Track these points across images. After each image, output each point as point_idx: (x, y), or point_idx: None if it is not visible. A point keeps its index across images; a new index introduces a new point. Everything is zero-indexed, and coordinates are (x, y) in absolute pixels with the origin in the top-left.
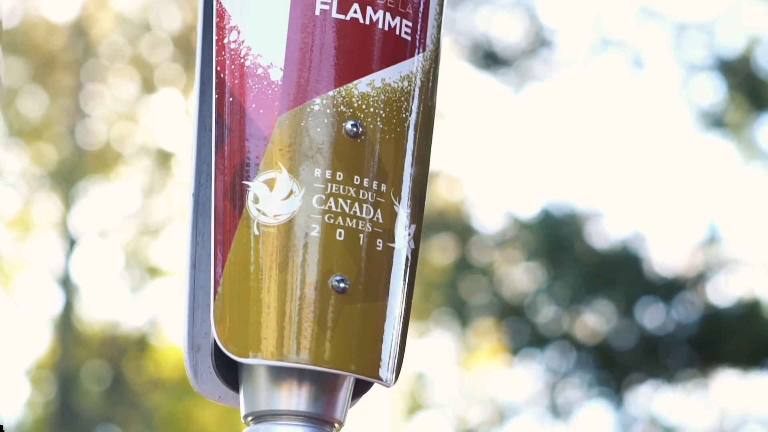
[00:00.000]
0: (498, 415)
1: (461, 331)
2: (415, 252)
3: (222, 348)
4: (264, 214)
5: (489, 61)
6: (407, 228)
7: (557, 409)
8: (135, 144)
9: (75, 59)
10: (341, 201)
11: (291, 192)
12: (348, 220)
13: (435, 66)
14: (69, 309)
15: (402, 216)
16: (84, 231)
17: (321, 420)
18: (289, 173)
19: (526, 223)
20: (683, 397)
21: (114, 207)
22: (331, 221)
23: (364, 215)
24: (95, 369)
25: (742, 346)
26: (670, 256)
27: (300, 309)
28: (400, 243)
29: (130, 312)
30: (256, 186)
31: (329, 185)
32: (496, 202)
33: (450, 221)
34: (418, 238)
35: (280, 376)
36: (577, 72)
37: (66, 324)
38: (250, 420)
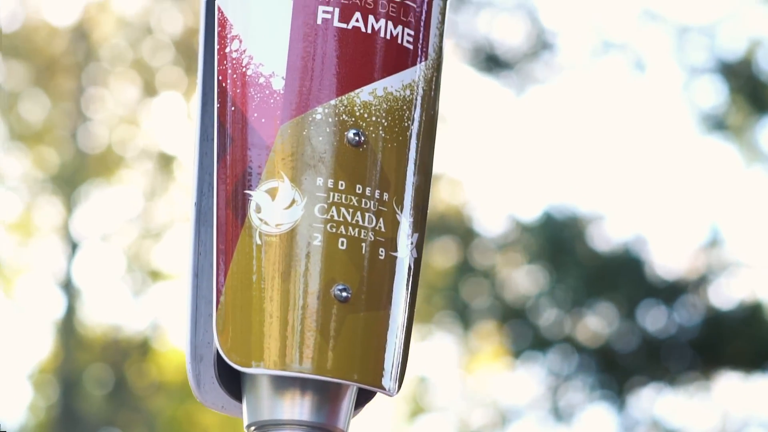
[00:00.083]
0: (500, 418)
1: (463, 334)
2: (418, 261)
3: (225, 358)
4: (266, 223)
5: (491, 64)
6: (410, 237)
7: (559, 412)
8: (136, 147)
9: (76, 63)
10: (343, 210)
11: (293, 201)
12: (350, 229)
13: (437, 75)
14: (71, 313)
15: (404, 225)
16: (86, 235)
17: (324, 429)
18: (292, 182)
19: (527, 226)
20: (685, 400)
21: (116, 210)
22: (334, 230)
23: (366, 224)
24: (97, 373)
25: (743, 348)
26: (671, 258)
27: (302, 318)
28: (402, 252)
29: (132, 315)
30: (258, 195)
31: (331, 194)
32: (497, 205)
33: (452, 224)
34: (420, 246)
35: (282, 385)
36: (579, 75)
37: (68, 328)
38: (253, 430)
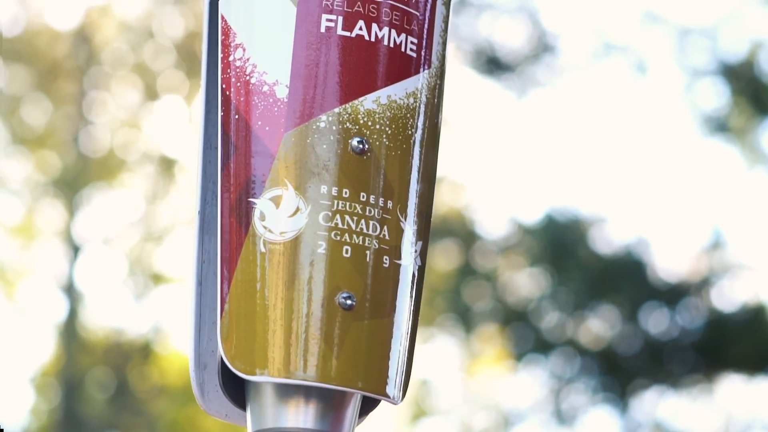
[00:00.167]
0: (502, 422)
1: (465, 337)
2: (422, 269)
3: (229, 365)
4: (270, 231)
5: (492, 67)
6: (414, 245)
7: (562, 415)
8: (138, 151)
9: (78, 67)
10: (348, 218)
11: (297, 209)
12: (354, 237)
13: (440, 82)
14: (73, 316)
15: (408, 233)
16: (88, 238)
17: None
18: (296, 190)
19: (529, 229)
20: (688, 403)
21: (118, 214)
22: (338, 238)
23: (370, 232)
24: (100, 376)
25: (746, 351)
26: (674, 261)
27: (307, 326)
28: (406, 260)
29: (134, 319)
30: (262, 203)
31: (335, 202)
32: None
33: (454, 227)
34: (424, 254)
35: (287, 393)
36: (581, 77)
37: (70, 331)
38: None
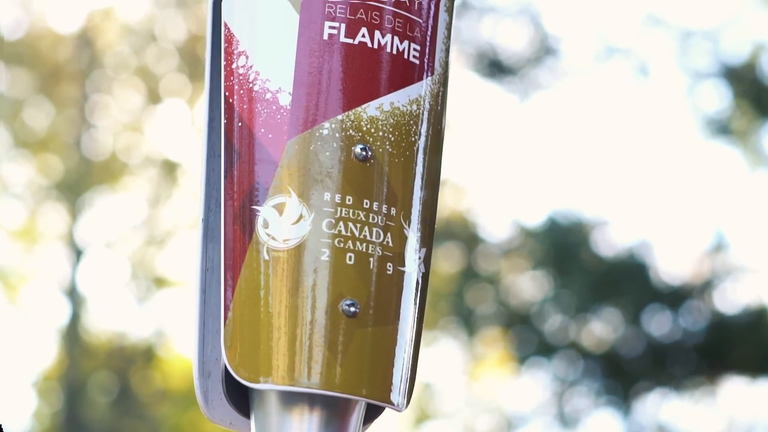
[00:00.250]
0: (505, 424)
1: (468, 340)
2: (426, 275)
3: (233, 373)
4: (274, 238)
5: (494, 70)
6: (417, 252)
7: (565, 418)
8: (141, 154)
9: (80, 70)
10: (351, 225)
11: (301, 216)
12: (358, 244)
13: (443, 89)
14: (76, 320)
15: (412, 240)
16: (90, 242)
17: None
18: (299, 197)
19: (532, 232)
20: (691, 405)
21: (120, 217)
22: (341, 245)
23: (374, 239)
24: (102, 380)
25: (749, 353)
26: (676, 263)
27: (311, 333)
28: (410, 267)
29: (136, 323)
30: (265, 211)
31: (339, 209)
32: (502, 210)
33: (456, 230)
34: (428, 261)
35: (291, 401)
36: (583, 80)
37: (73, 335)
38: None
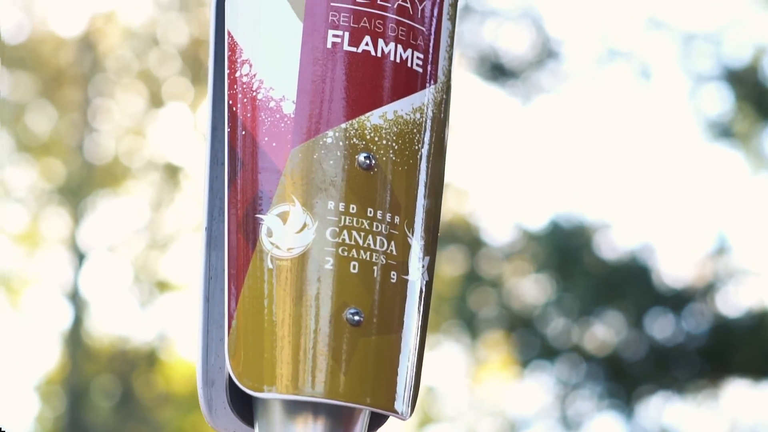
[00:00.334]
0: (508, 428)
1: (471, 344)
2: (429, 284)
3: (236, 382)
4: (278, 247)
5: (496, 73)
6: (421, 260)
7: (568, 421)
8: (143, 158)
9: (83, 74)
10: (355, 233)
11: (304, 225)
12: (362, 252)
13: (447, 98)
14: (78, 324)
15: (416, 248)
16: (93, 246)
17: None
18: (303, 206)
19: (534, 235)
20: (694, 408)
21: (122, 221)
22: (345, 254)
23: (377, 248)
24: (105, 384)
25: (752, 356)
26: (679, 266)
27: (314, 342)
28: (414, 275)
29: (139, 326)
30: (269, 219)
31: (343, 218)
32: (504, 214)
33: (459, 233)
34: (432, 269)
35: (295, 410)
36: (585, 83)
37: (75, 339)
38: None
